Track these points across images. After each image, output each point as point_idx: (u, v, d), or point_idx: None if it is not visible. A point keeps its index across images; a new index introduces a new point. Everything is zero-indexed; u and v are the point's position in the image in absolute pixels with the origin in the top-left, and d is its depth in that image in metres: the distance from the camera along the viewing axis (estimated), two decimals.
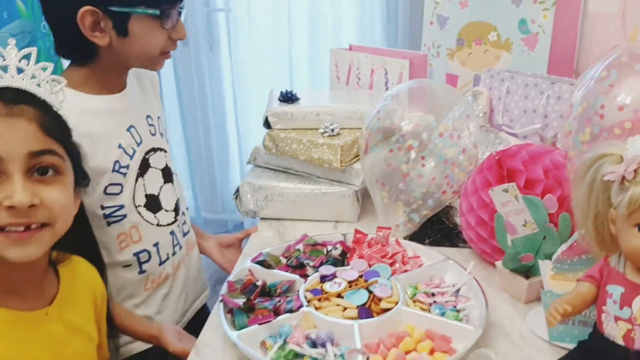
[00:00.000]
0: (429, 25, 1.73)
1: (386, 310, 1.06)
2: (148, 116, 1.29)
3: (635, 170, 0.81)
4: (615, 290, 0.85)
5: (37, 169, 0.82)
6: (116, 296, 1.23)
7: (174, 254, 1.32)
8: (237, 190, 1.51)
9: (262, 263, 1.23)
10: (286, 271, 1.20)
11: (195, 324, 1.31)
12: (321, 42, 2.85)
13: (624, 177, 0.82)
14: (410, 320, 1.05)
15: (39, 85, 0.88)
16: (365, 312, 1.06)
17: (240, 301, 1.09)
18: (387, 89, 1.70)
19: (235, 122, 3.01)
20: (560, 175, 1.19)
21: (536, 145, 1.30)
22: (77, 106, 1.13)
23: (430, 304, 1.11)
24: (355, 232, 1.31)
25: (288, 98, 1.52)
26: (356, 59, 1.74)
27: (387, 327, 1.03)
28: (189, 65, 2.89)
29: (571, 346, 0.98)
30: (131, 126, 1.23)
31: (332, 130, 1.44)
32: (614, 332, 0.85)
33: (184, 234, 1.38)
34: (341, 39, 2.83)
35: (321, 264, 1.21)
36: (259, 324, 1.03)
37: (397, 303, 1.08)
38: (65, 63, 1.23)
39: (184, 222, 1.38)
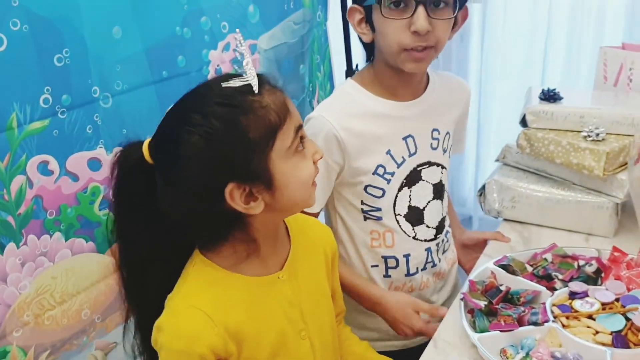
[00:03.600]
0: None
1: None
2: (435, 129, 1.25)
3: None
4: None
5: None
6: None
7: (424, 269, 1.28)
8: (483, 187, 1.46)
9: (506, 268, 1.18)
10: (531, 280, 1.14)
11: None
12: (582, 38, 2.63)
13: None
14: None
15: None
16: (620, 340, 0.96)
17: (482, 303, 1.06)
18: None
19: (477, 117, 2.93)
20: None
21: None
22: (362, 104, 1.19)
23: None
24: (612, 249, 1.19)
25: (550, 96, 1.42)
26: (630, 59, 1.57)
27: None
28: None
29: None
30: (409, 135, 1.21)
31: (597, 134, 1.32)
32: None
33: (443, 252, 1.33)
34: (604, 36, 2.59)
35: (571, 278, 1.13)
36: (501, 330, 1.00)
37: None
38: None
39: (446, 241, 1.34)
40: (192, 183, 0.84)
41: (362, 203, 1.22)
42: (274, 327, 0.93)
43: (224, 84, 0.82)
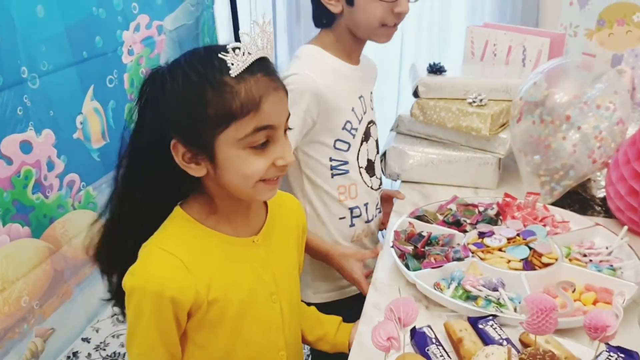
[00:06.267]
0: (569, 5, 1.78)
1: (547, 264, 1.16)
2: (370, 92, 1.45)
3: None
4: None
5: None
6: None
7: (375, 216, 1.46)
8: (384, 154, 1.62)
9: (421, 218, 1.35)
10: (443, 226, 1.31)
11: None
12: (431, 19, 2.92)
13: None
14: (570, 274, 1.14)
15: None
16: (528, 265, 1.16)
17: (410, 248, 1.21)
18: (524, 66, 1.78)
19: None
20: None
21: None
22: (329, 65, 1.32)
23: (586, 263, 1.20)
24: (504, 195, 1.40)
25: (437, 69, 1.61)
26: (493, 36, 1.82)
27: (549, 280, 1.13)
28: None
29: None
30: (361, 96, 1.38)
31: (481, 100, 1.53)
32: None
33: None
34: (449, 17, 2.89)
35: (477, 222, 1.31)
36: (433, 267, 1.15)
37: (557, 259, 1.17)
38: None
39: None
40: (151, 122, 0.89)
41: (331, 160, 1.34)
42: (245, 286, 0.98)
43: (221, 54, 0.84)
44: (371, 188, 1.43)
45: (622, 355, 0.91)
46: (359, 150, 1.38)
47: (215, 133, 0.87)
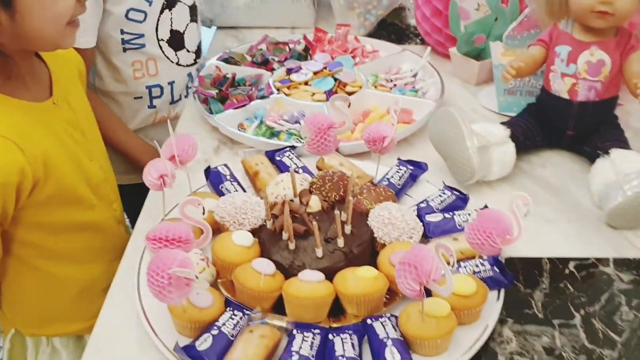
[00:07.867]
0: None
1: (351, 93, 1.14)
2: None
3: None
4: (562, 50, 0.95)
5: None
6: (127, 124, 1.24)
7: (186, 95, 1.29)
8: None
9: (228, 60, 1.27)
10: (252, 67, 1.25)
11: None
12: None
13: None
14: (374, 101, 1.14)
15: None
16: (331, 94, 1.13)
17: (214, 91, 1.14)
18: None
19: None
20: None
21: None
22: None
23: (391, 88, 1.19)
24: (315, 30, 1.35)
25: None
26: None
27: (353, 108, 1.10)
28: None
29: None
30: None
31: None
32: (560, 87, 0.96)
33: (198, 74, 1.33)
34: None
35: (286, 59, 1.26)
36: (235, 108, 1.10)
37: (361, 87, 1.15)
38: None
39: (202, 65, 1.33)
40: None
41: (123, 32, 1.15)
42: (66, 152, 0.88)
43: None
44: (178, 64, 1.25)
45: (411, 167, 0.92)
46: (159, 20, 1.18)
47: None
